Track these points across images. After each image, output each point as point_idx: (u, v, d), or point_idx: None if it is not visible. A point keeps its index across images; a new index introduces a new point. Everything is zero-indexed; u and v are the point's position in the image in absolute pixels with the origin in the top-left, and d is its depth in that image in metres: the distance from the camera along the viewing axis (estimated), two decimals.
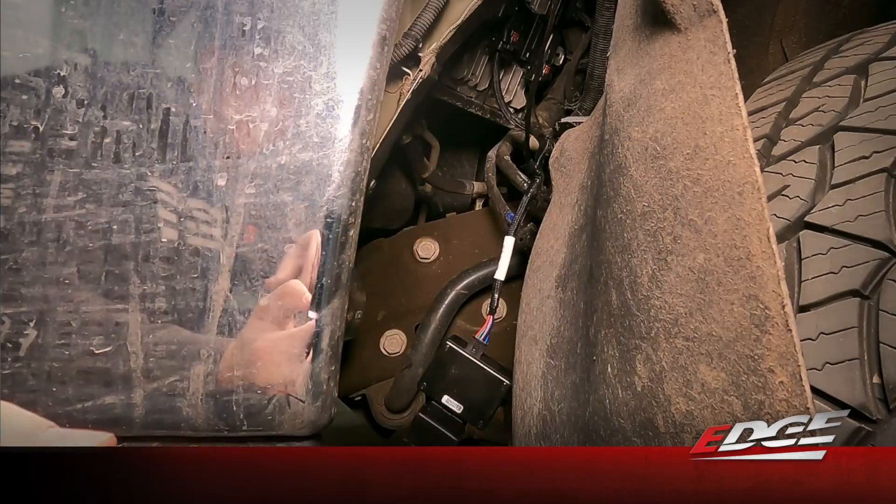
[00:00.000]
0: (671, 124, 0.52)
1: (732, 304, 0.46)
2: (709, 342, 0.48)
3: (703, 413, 0.49)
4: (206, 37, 0.65)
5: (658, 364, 0.52)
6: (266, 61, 0.66)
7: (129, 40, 0.63)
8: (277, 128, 0.66)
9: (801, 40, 1.13)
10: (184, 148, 0.65)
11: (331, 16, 0.66)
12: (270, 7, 0.65)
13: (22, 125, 0.60)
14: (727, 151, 0.47)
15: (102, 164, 0.63)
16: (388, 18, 0.68)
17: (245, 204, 0.66)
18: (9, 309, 0.61)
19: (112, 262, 0.64)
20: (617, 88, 0.63)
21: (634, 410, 0.55)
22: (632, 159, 0.57)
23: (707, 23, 0.51)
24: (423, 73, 0.86)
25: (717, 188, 0.48)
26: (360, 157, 0.68)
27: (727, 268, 0.47)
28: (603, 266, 0.62)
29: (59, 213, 0.62)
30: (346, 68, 0.67)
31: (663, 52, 0.55)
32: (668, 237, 0.52)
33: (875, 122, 0.64)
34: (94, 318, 0.63)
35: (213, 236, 0.66)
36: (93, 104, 0.62)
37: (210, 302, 0.66)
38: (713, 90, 0.49)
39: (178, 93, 0.64)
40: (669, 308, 0.51)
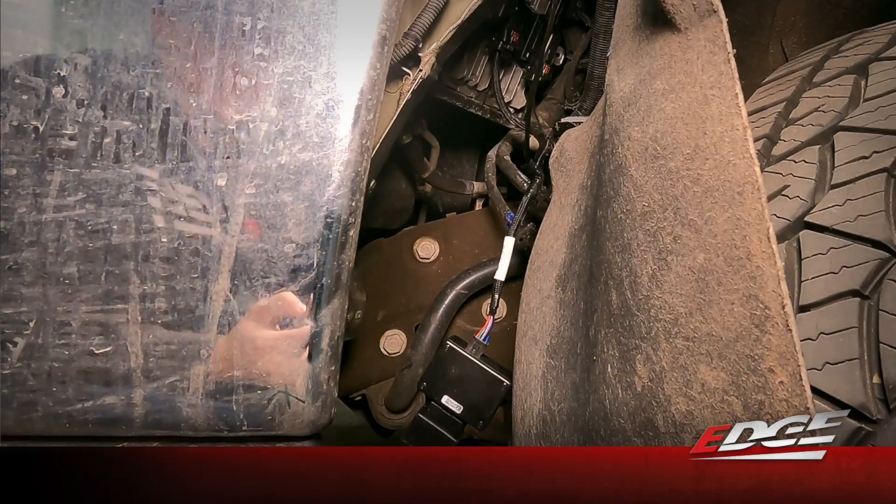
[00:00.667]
0: (671, 124, 0.52)
1: (732, 303, 0.46)
2: (709, 342, 0.48)
3: (703, 413, 0.48)
4: (206, 37, 0.65)
5: (658, 364, 0.52)
6: (266, 61, 0.66)
7: (129, 40, 0.63)
8: (277, 128, 0.66)
9: (801, 40, 1.13)
10: (184, 148, 0.65)
11: (331, 16, 0.66)
12: (270, 7, 0.65)
13: (22, 125, 0.60)
14: (727, 151, 0.47)
15: (102, 164, 0.63)
16: (388, 18, 0.68)
17: (245, 204, 0.66)
18: (9, 309, 0.61)
19: (112, 262, 0.64)
20: (617, 88, 0.63)
21: (634, 410, 0.55)
22: (632, 159, 0.57)
23: (707, 23, 0.51)
24: (423, 73, 0.86)
25: (717, 188, 0.48)
26: (360, 157, 0.68)
27: (727, 268, 0.47)
28: (603, 266, 0.62)
29: (59, 213, 0.62)
30: (346, 68, 0.67)
31: (663, 52, 0.55)
32: (668, 237, 0.51)
33: (875, 122, 0.64)
34: (94, 318, 0.63)
35: (213, 236, 0.66)
36: (93, 104, 0.62)
37: (210, 302, 0.66)
38: (713, 90, 0.49)
39: (178, 93, 0.64)
40: (669, 308, 0.51)
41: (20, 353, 0.62)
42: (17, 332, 0.62)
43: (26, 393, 0.62)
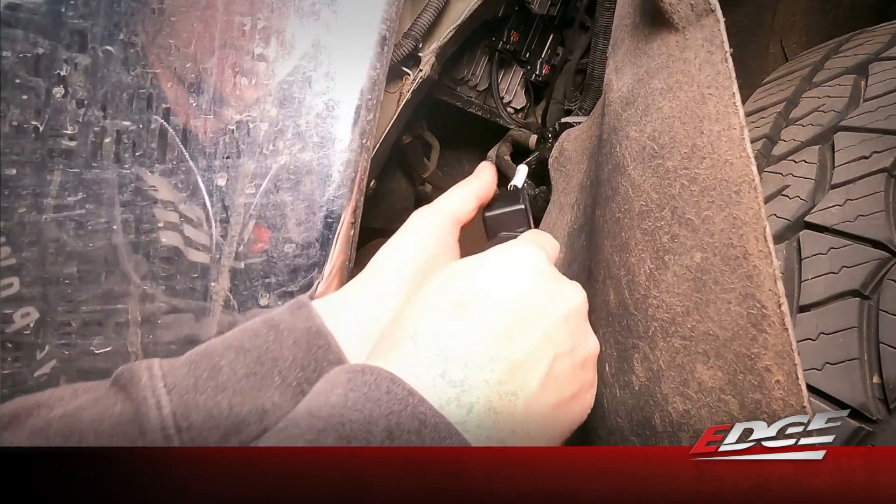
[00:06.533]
0: (669, 123, 0.52)
1: (729, 302, 0.46)
2: (706, 341, 0.48)
3: (700, 412, 0.48)
4: (206, 37, 0.65)
5: (655, 363, 0.52)
6: (266, 61, 0.66)
7: (129, 40, 0.63)
8: (277, 128, 0.66)
9: (801, 40, 1.13)
10: (184, 148, 0.65)
11: (331, 16, 0.66)
12: (270, 7, 0.65)
13: (22, 125, 0.60)
14: (724, 150, 0.47)
15: (102, 164, 0.63)
16: (388, 18, 0.68)
17: (245, 204, 0.66)
18: (9, 309, 0.61)
19: (112, 262, 0.64)
20: (615, 88, 0.63)
21: (632, 409, 0.55)
22: (630, 158, 0.57)
23: (704, 22, 0.51)
24: (423, 73, 0.86)
25: (714, 187, 0.48)
26: (359, 157, 0.68)
27: (724, 267, 0.47)
28: (601, 265, 0.62)
29: (59, 213, 0.62)
30: (346, 68, 0.67)
31: (661, 51, 0.55)
32: (665, 236, 0.51)
33: (875, 122, 0.64)
34: (94, 318, 0.63)
35: (213, 236, 0.66)
36: (93, 104, 0.62)
37: (210, 302, 0.66)
38: (710, 89, 0.49)
39: (178, 93, 0.64)
40: (667, 307, 0.51)
41: (20, 353, 0.62)
42: (17, 332, 0.62)
43: (26, 393, 0.62)
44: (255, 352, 0.50)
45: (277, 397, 0.48)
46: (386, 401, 0.39)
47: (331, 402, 0.39)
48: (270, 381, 0.49)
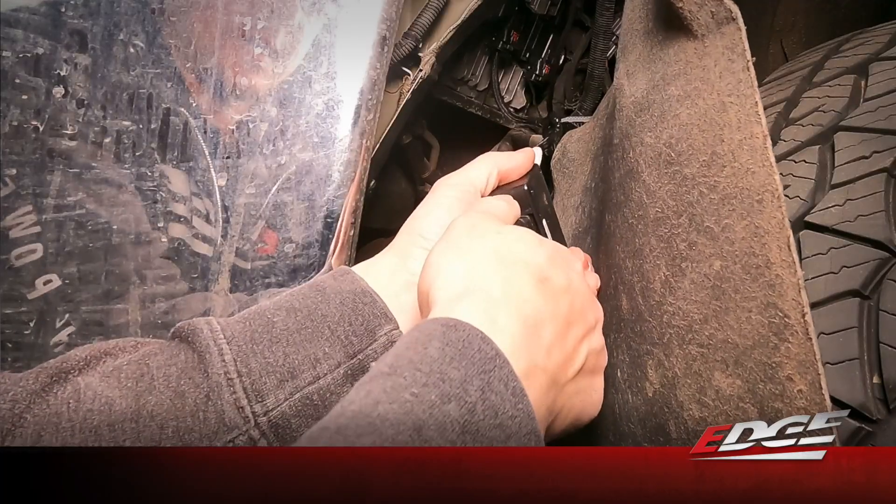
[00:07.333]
0: (687, 131, 0.52)
1: (750, 311, 0.46)
2: (724, 349, 0.48)
3: (717, 420, 0.48)
4: (206, 37, 0.65)
5: (671, 370, 0.52)
6: (266, 61, 0.66)
7: (129, 40, 0.63)
8: (277, 128, 0.66)
9: (801, 40, 1.13)
10: (184, 148, 0.65)
11: (331, 16, 0.66)
12: (270, 7, 0.65)
13: (22, 125, 0.60)
14: (746, 159, 0.47)
15: (102, 164, 0.63)
16: (388, 18, 0.68)
17: (245, 204, 0.66)
18: (9, 309, 0.61)
19: (112, 262, 0.64)
20: (628, 93, 0.63)
21: (645, 416, 0.55)
22: (644, 165, 0.57)
23: (725, 30, 0.50)
24: (423, 73, 0.86)
25: (734, 195, 0.47)
26: (359, 157, 0.68)
27: (745, 275, 0.46)
28: (612, 271, 0.62)
29: (59, 213, 0.62)
30: (346, 68, 0.67)
31: (678, 57, 0.55)
32: (682, 243, 0.51)
33: (875, 122, 0.64)
34: (94, 318, 0.63)
35: (213, 236, 0.66)
36: (93, 104, 0.62)
37: (210, 302, 0.66)
38: (731, 97, 0.49)
39: (178, 93, 0.64)
40: (683, 314, 0.51)
41: (20, 353, 0.62)
42: (17, 332, 0.62)
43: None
44: (304, 311, 0.54)
45: (328, 348, 0.52)
46: (478, 359, 0.41)
47: (430, 355, 0.40)
48: (320, 334, 0.53)
